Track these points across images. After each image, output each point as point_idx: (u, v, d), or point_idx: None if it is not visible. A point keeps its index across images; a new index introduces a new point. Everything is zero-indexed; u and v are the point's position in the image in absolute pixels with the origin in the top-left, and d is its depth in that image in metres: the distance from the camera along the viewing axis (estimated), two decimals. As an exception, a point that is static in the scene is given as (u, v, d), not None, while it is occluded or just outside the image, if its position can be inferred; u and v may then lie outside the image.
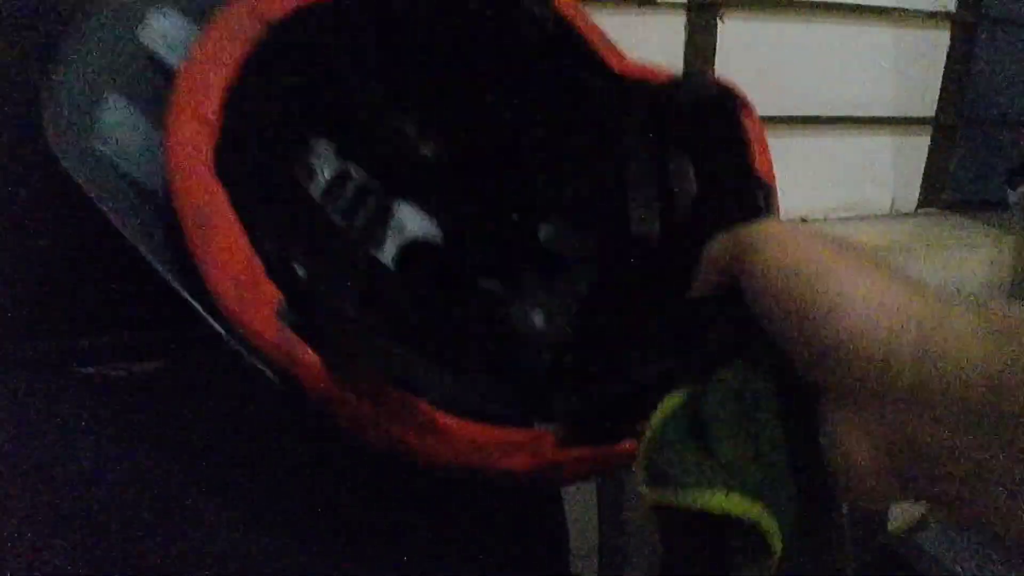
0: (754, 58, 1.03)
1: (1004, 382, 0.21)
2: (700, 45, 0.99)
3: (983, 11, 1.10)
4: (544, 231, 0.50)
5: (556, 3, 0.43)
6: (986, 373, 0.22)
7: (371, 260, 0.46)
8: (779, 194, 1.11)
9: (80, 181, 0.35)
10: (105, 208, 0.35)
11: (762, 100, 1.04)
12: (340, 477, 0.40)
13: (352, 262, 0.44)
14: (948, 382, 0.23)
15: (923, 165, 1.16)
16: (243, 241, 0.33)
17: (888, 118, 1.11)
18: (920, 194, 1.18)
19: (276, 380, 0.32)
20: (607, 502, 0.67)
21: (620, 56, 0.45)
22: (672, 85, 0.44)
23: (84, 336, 0.48)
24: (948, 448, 0.23)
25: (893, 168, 1.15)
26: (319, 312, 0.33)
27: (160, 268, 0.34)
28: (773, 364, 0.28)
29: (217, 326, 0.33)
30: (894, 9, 1.06)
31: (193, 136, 0.34)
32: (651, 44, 0.98)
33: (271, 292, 0.32)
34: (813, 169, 1.11)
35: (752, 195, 0.41)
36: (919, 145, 1.15)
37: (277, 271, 0.33)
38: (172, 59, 0.39)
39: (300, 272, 0.37)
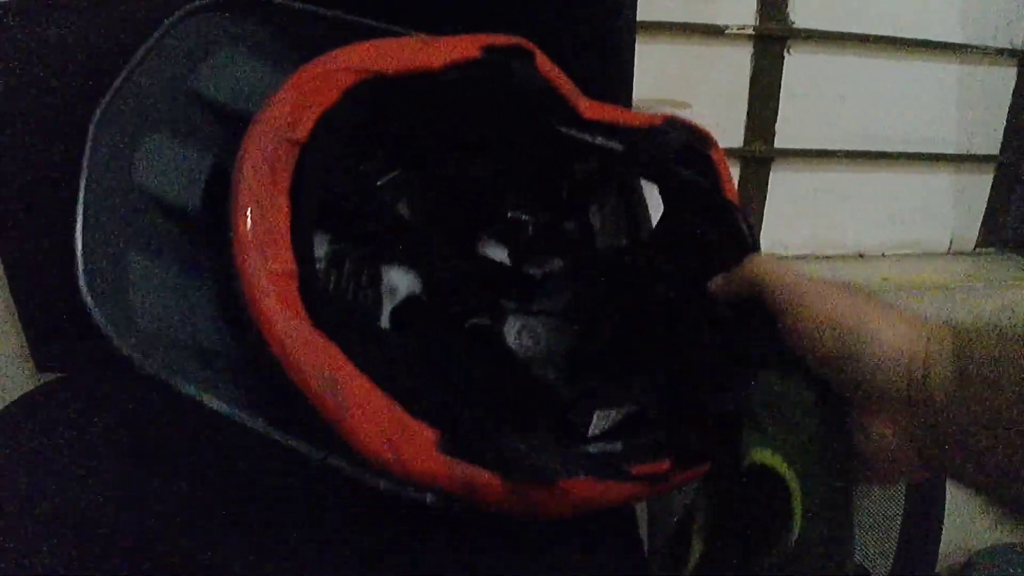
0: (819, 91, 1.02)
1: None
2: (766, 76, 0.99)
3: (1053, 50, 1.08)
4: (518, 258, 0.53)
5: (536, 62, 0.44)
6: (1015, 380, 0.30)
7: (396, 340, 0.48)
8: (836, 229, 1.09)
9: (126, 350, 0.33)
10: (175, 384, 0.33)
11: (825, 134, 1.03)
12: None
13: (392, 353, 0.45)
14: (979, 390, 0.31)
15: (984, 204, 1.14)
16: (377, 393, 0.33)
17: (951, 155, 1.10)
18: (980, 233, 1.16)
19: (439, 503, 0.33)
20: (656, 509, 0.69)
21: (588, 102, 0.47)
22: (652, 130, 0.47)
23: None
24: (973, 435, 0.31)
25: (954, 206, 1.13)
26: (481, 436, 0.34)
27: (258, 427, 0.33)
28: (807, 373, 0.36)
29: (363, 474, 0.33)
30: (961, 45, 1.05)
31: (284, 297, 0.33)
32: (718, 74, 0.98)
33: (423, 431, 0.33)
34: (872, 205, 1.09)
35: (731, 217, 0.44)
36: (981, 183, 1.13)
37: (417, 408, 0.34)
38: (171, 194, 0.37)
39: (438, 402, 0.37)
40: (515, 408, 0.44)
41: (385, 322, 0.48)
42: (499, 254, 0.52)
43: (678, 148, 0.46)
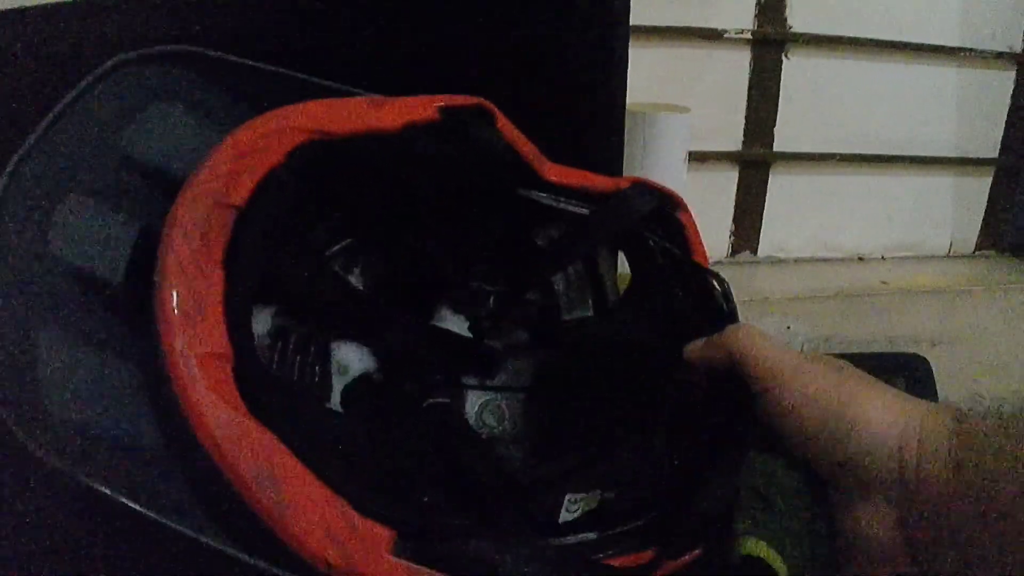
0: (817, 95, 1.02)
1: None
2: (764, 80, 0.99)
3: (1051, 53, 1.09)
4: (484, 334, 0.50)
5: (498, 124, 0.42)
6: (1015, 479, 0.28)
7: (344, 423, 0.44)
8: (836, 232, 1.09)
9: (32, 446, 0.28)
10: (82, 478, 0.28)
11: (824, 137, 1.04)
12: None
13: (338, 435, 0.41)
14: (977, 482, 0.29)
15: (984, 206, 1.15)
16: (320, 487, 0.29)
17: (950, 158, 1.10)
18: (979, 236, 1.16)
19: None
20: None
21: (551, 166, 0.45)
22: (619, 194, 0.45)
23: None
24: (970, 526, 0.29)
25: (953, 209, 1.14)
26: (442, 537, 0.31)
27: (183, 528, 0.29)
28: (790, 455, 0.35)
29: None
30: (959, 49, 1.05)
31: (216, 383, 0.29)
32: (716, 78, 0.98)
33: (375, 530, 0.30)
34: (872, 208, 1.10)
35: (703, 283, 0.42)
36: (980, 186, 1.14)
37: (369, 504, 0.30)
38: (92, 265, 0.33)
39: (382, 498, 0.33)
40: (479, 495, 0.40)
41: (335, 403, 0.44)
42: (459, 325, 0.49)
43: (646, 213, 0.44)
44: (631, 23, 0.51)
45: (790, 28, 0.98)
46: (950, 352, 1.03)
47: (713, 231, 1.06)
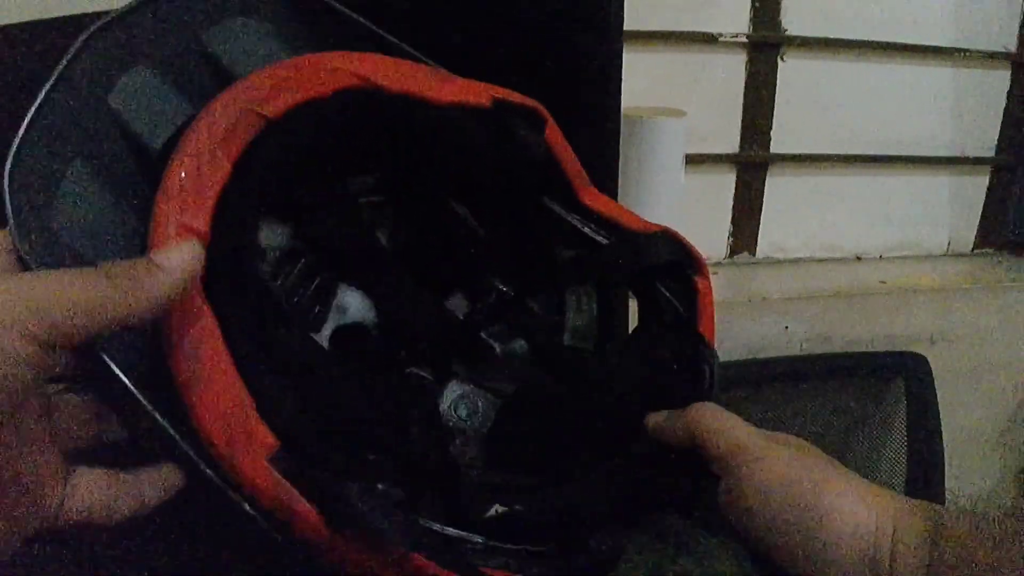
0: (814, 96, 1.03)
1: None
2: (760, 82, 1.00)
3: (1046, 52, 1.09)
4: (484, 326, 0.50)
5: (548, 132, 0.42)
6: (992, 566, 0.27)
7: (312, 349, 0.44)
8: (834, 232, 1.10)
9: (28, 259, 0.30)
10: None
11: (821, 138, 1.05)
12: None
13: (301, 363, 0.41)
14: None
15: (981, 205, 1.15)
16: (234, 377, 0.30)
17: (946, 158, 1.11)
18: (977, 234, 1.17)
19: (267, 526, 0.31)
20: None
21: (591, 189, 0.45)
22: (642, 235, 0.44)
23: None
24: None
25: (950, 208, 1.14)
26: (315, 465, 0.31)
27: (140, 397, 0.30)
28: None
29: (202, 465, 0.30)
30: (954, 49, 1.06)
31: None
32: (713, 81, 0.99)
33: (264, 436, 0.30)
34: (869, 208, 1.10)
35: (696, 354, 0.41)
36: (977, 185, 1.14)
37: (268, 411, 0.31)
38: (140, 126, 0.36)
39: (292, 412, 0.34)
40: (415, 473, 0.40)
41: (323, 336, 0.45)
42: (462, 311, 0.50)
43: (662, 261, 0.43)
44: (628, 28, 0.52)
45: (785, 31, 0.99)
46: (948, 350, 1.03)
47: (712, 233, 1.07)
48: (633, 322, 0.47)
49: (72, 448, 0.29)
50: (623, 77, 0.55)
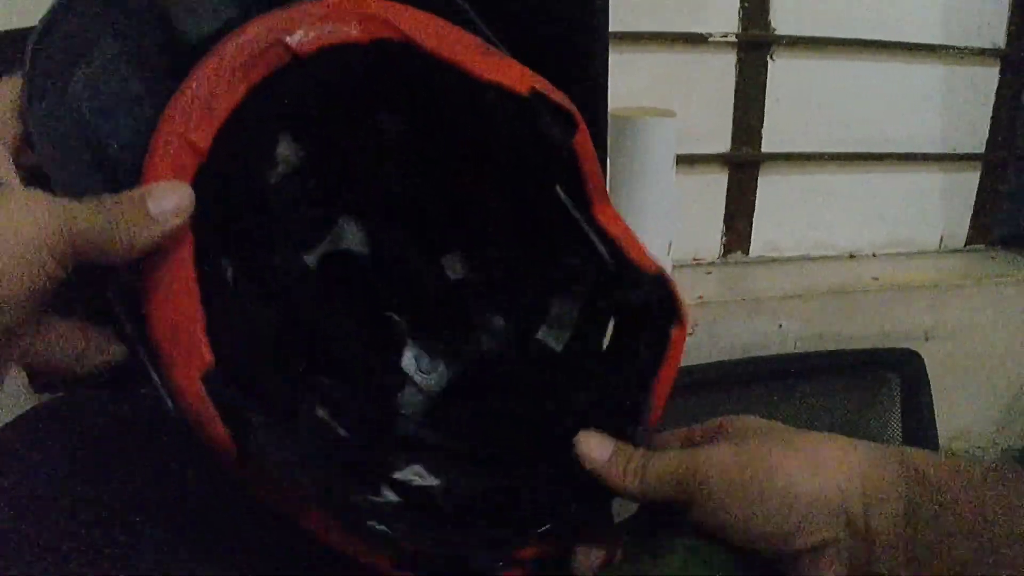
0: (805, 95, 1.03)
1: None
2: (750, 82, 1.00)
3: (1034, 48, 1.10)
4: (470, 293, 0.50)
5: (578, 138, 0.41)
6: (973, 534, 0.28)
7: (297, 268, 0.44)
8: (826, 230, 1.10)
9: (40, 147, 0.30)
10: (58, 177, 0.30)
11: (812, 137, 1.05)
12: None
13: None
14: (933, 540, 0.29)
15: (972, 202, 1.16)
16: (189, 289, 0.31)
17: (937, 155, 1.11)
18: (969, 230, 1.17)
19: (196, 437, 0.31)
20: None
21: (607, 207, 0.44)
22: (637, 267, 0.43)
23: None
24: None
25: (942, 204, 1.15)
26: (246, 389, 0.32)
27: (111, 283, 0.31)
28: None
29: (148, 364, 0.31)
30: (943, 46, 1.06)
31: (176, 159, 0.31)
32: (703, 81, 0.99)
33: (204, 353, 0.31)
34: (861, 205, 1.11)
35: (639, 400, 0.41)
36: (968, 181, 1.15)
37: (217, 329, 0.31)
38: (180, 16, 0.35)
39: (243, 333, 0.34)
40: (354, 410, 0.40)
41: (312, 258, 0.45)
42: (456, 272, 0.49)
43: (638, 303, 0.43)
44: (617, 29, 0.52)
45: (774, 30, 0.99)
46: (943, 346, 1.04)
47: (705, 233, 1.07)
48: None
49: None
50: (612, 78, 0.55)
